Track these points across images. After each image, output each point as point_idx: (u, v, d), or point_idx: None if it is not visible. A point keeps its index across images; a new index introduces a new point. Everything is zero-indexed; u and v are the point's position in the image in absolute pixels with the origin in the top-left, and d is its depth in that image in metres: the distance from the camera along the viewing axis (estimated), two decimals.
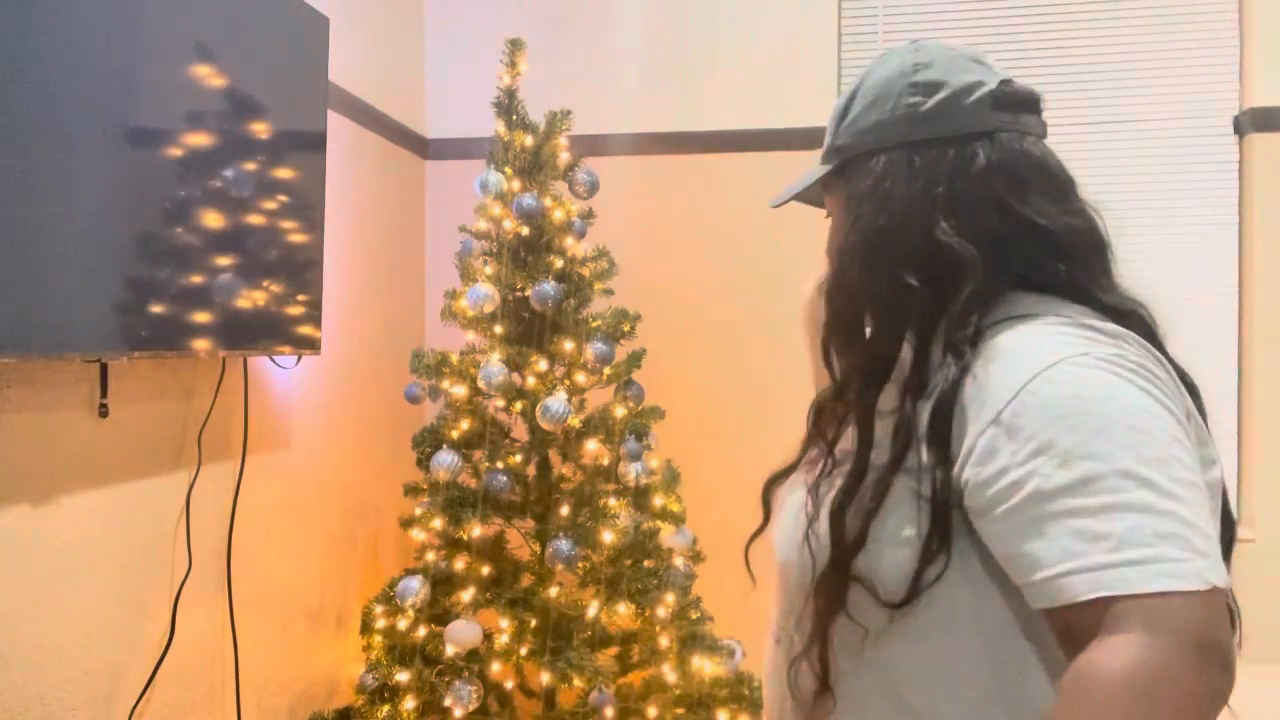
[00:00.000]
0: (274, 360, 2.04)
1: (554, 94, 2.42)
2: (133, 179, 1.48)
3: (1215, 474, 0.76)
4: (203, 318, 1.64)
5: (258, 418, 2.01)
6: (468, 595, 2.10)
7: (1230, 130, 2.57)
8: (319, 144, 1.98)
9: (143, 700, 1.69)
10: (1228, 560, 0.78)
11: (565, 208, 2.22)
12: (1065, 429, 0.69)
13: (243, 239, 1.74)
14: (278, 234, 1.85)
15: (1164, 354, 0.79)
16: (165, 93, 1.54)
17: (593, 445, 2.17)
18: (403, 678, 2.10)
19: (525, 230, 2.19)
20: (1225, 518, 0.78)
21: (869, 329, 0.85)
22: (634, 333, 2.25)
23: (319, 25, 1.96)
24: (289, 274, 1.89)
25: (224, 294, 1.69)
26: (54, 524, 1.51)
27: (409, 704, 2.09)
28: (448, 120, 2.87)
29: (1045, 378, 0.71)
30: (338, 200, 2.28)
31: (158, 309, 1.54)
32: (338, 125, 2.28)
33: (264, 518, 2.07)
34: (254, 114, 1.76)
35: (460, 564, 2.12)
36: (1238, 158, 2.57)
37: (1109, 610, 0.65)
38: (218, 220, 1.67)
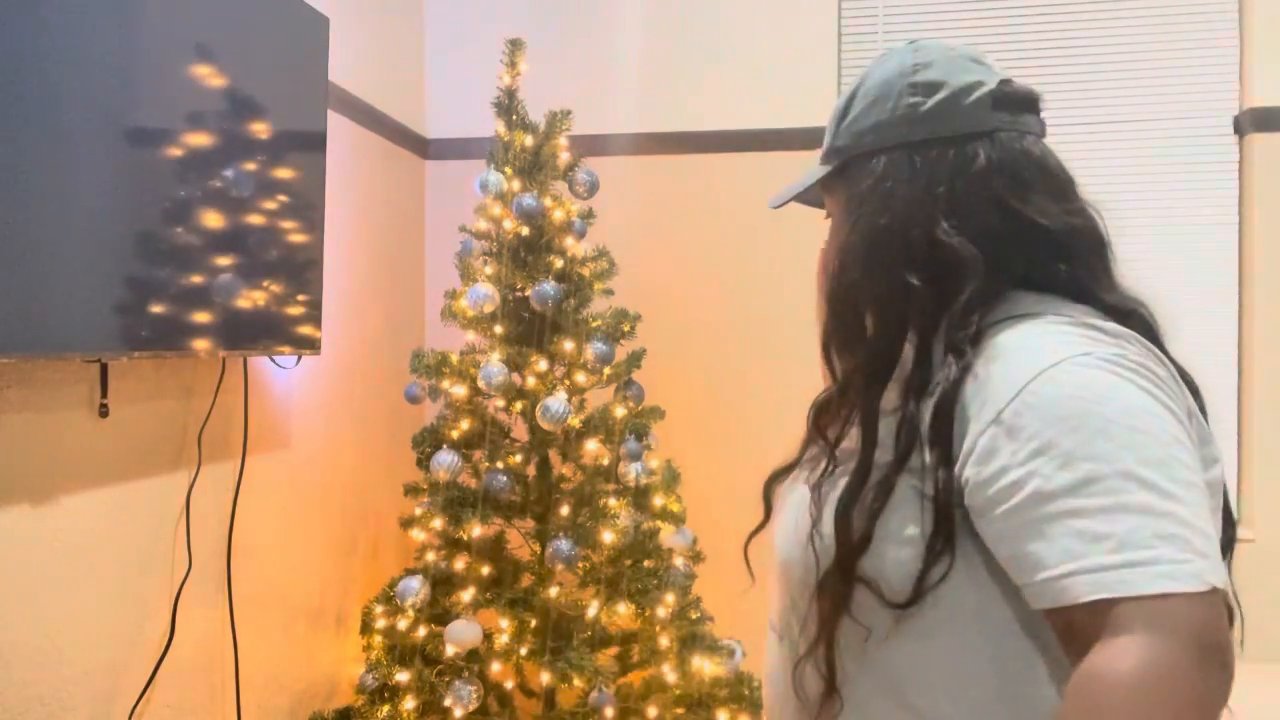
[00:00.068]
0: (274, 360, 2.04)
1: (554, 94, 2.42)
2: (133, 179, 1.48)
3: (1216, 473, 0.76)
4: (203, 318, 1.64)
5: (258, 418, 2.01)
6: (468, 595, 2.10)
7: (1230, 130, 2.57)
8: (319, 144, 1.98)
9: (143, 700, 1.69)
10: (1228, 559, 0.79)
11: (565, 208, 2.22)
12: (1066, 429, 0.69)
13: (243, 239, 1.74)
14: (278, 234, 1.85)
15: (1165, 353, 0.79)
16: (165, 93, 1.54)
17: (593, 445, 2.17)
18: (403, 678, 2.10)
19: (525, 230, 2.19)
20: (1226, 516, 0.78)
21: (869, 329, 0.85)
22: (634, 333, 2.25)
23: (319, 25, 1.96)
24: (289, 274, 1.89)
25: (224, 294, 1.69)
26: (54, 524, 1.51)
27: (409, 704, 2.09)
28: (448, 120, 2.87)
29: (1047, 377, 0.71)
30: (338, 200, 2.28)
31: (158, 309, 1.54)
32: (338, 125, 2.28)
33: (264, 518, 2.07)
34: (254, 114, 1.76)
35: (460, 564, 2.12)
36: (1238, 158, 2.57)
37: (1111, 612, 0.65)
38: (218, 220, 1.67)
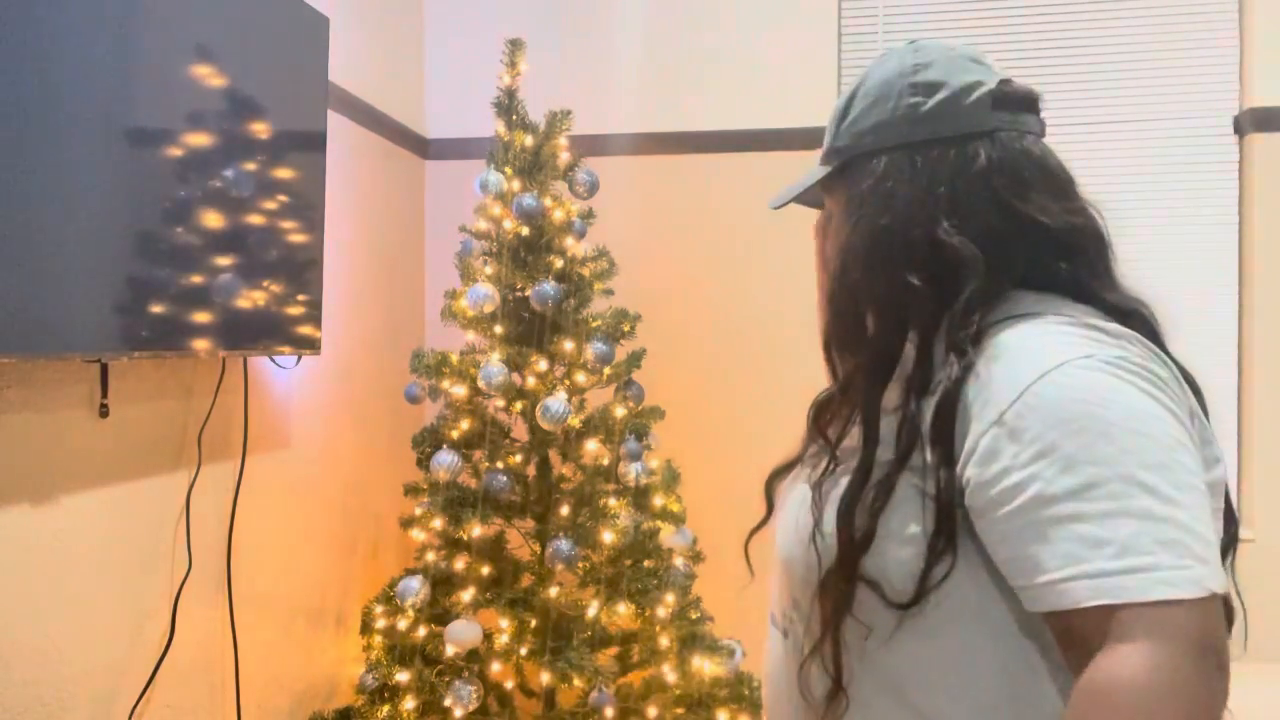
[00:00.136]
0: (274, 360, 2.04)
1: (554, 94, 2.42)
2: (133, 179, 1.48)
3: (1218, 473, 0.76)
4: (203, 318, 1.64)
5: (258, 418, 2.01)
6: (468, 595, 2.10)
7: (1230, 130, 2.57)
8: (319, 144, 1.98)
9: (143, 700, 1.69)
10: (1230, 558, 0.79)
11: (565, 208, 2.22)
12: (1068, 433, 0.69)
13: (243, 239, 1.74)
14: (278, 234, 1.85)
15: (1167, 353, 0.79)
16: (165, 93, 1.54)
17: (593, 445, 2.17)
18: (403, 678, 2.10)
19: (525, 230, 2.19)
20: (1228, 516, 0.79)
21: (870, 328, 0.85)
22: (634, 333, 2.25)
23: (319, 25, 1.96)
24: (289, 274, 1.89)
25: (224, 294, 1.69)
26: (54, 524, 1.51)
27: (409, 704, 2.09)
28: (448, 120, 2.87)
29: (1049, 379, 0.71)
30: (338, 200, 2.28)
31: (158, 309, 1.54)
32: (338, 125, 2.28)
33: (264, 518, 2.07)
34: (254, 114, 1.76)
35: (460, 564, 2.12)
36: (1238, 158, 2.57)
37: (1112, 618, 0.66)
38: (218, 220, 1.67)
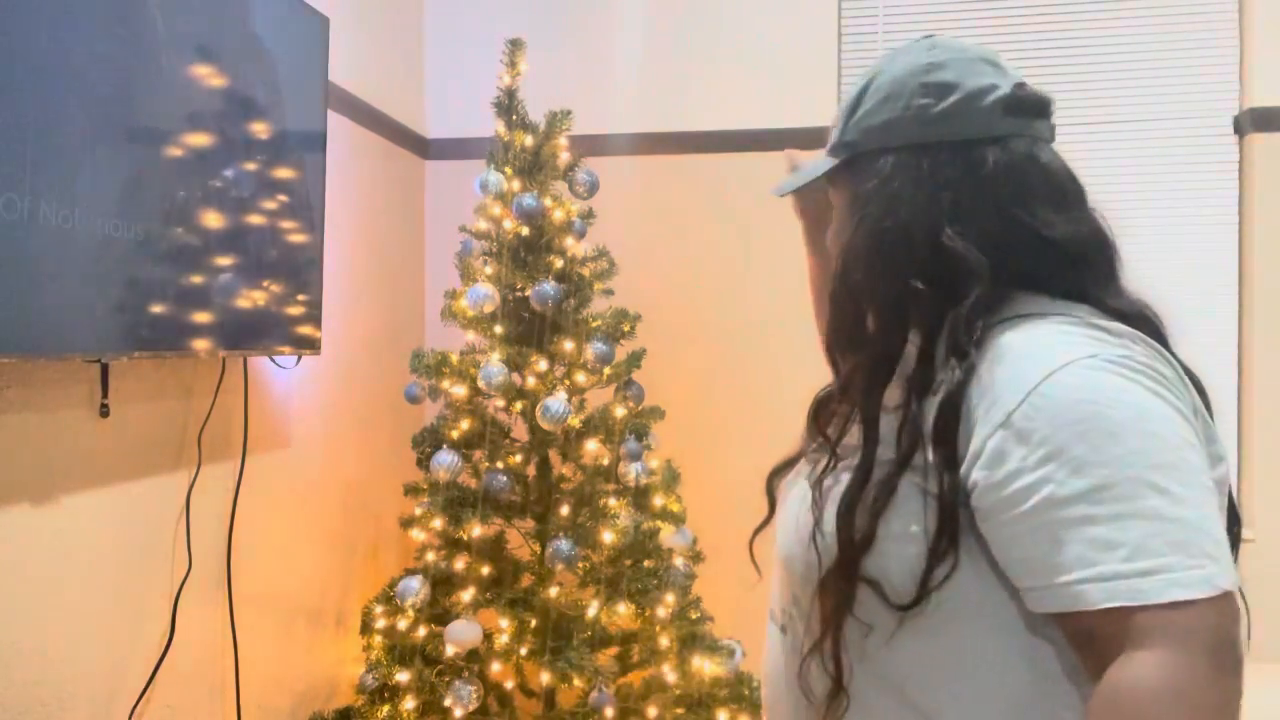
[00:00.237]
0: (274, 360, 2.04)
1: (554, 94, 2.42)
2: (132, 179, 1.48)
3: (1222, 471, 0.76)
4: (203, 318, 1.64)
5: (258, 418, 2.01)
6: (468, 595, 2.10)
7: (1230, 130, 2.57)
8: (319, 144, 1.98)
9: (143, 700, 1.69)
10: (1234, 557, 0.79)
11: (565, 208, 2.22)
12: (1077, 434, 0.69)
13: (243, 239, 1.74)
14: (278, 234, 1.85)
15: (1171, 353, 0.79)
16: (165, 93, 1.54)
17: (593, 445, 2.17)
18: (403, 678, 2.10)
19: (525, 230, 2.19)
20: (1231, 515, 0.79)
21: (871, 328, 0.85)
22: (634, 333, 2.25)
23: (319, 25, 1.96)
24: (289, 274, 1.89)
25: (224, 294, 1.69)
26: (54, 524, 1.50)
27: (409, 704, 2.09)
28: (448, 120, 2.87)
29: (1055, 380, 0.71)
30: (338, 200, 2.28)
31: (158, 309, 1.54)
32: (338, 125, 2.28)
33: (264, 518, 2.07)
34: (254, 114, 1.76)
35: (460, 564, 2.12)
36: (1238, 158, 2.57)
37: (1126, 621, 0.66)
38: (218, 220, 1.67)
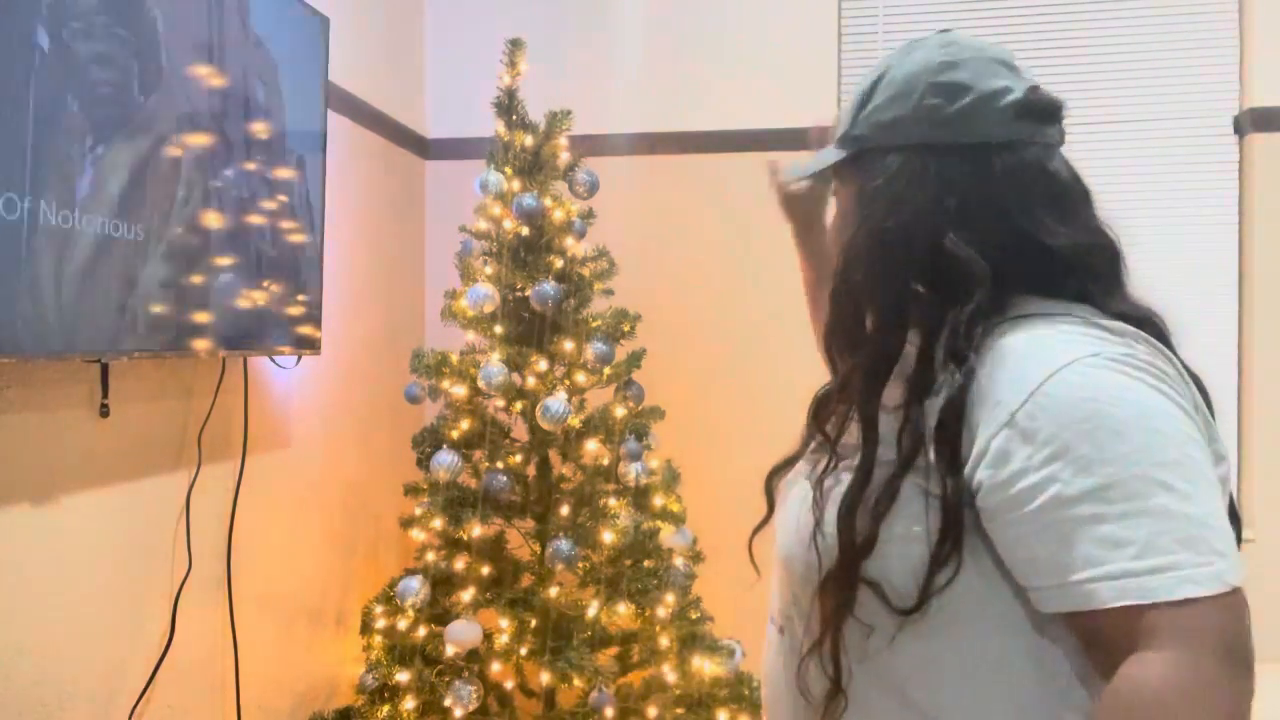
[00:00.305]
0: (274, 360, 2.04)
1: (554, 94, 2.42)
2: (133, 178, 1.48)
3: (1223, 470, 0.76)
4: (203, 318, 1.64)
5: (258, 418, 2.01)
6: (468, 595, 2.10)
7: (1230, 130, 2.57)
8: (319, 144, 1.98)
9: (143, 700, 1.69)
10: None
11: (565, 208, 2.22)
12: (1082, 433, 0.69)
13: (243, 239, 1.74)
14: (278, 234, 1.85)
15: (1173, 352, 0.79)
16: (165, 92, 1.54)
17: (593, 445, 2.17)
18: (403, 678, 2.10)
19: (525, 230, 2.19)
20: (1231, 514, 0.78)
21: (870, 328, 0.85)
22: (634, 333, 2.24)
23: (319, 25, 1.96)
24: (289, 274, 1.89)
25: (224, 294, 1.69)
26: (54, 524, 1.51)
27: (409, 704, 2.09)
28: (448, 120, 2.87)
29: (1058, 379, 0.71)
30: (338, 200, 2.28)
31: (158, 309, 1.54)
32: (338, 125, 2.28)
33: (264, 518, 2.07)
34: (254, 114, 1.76)
35: (460, 564, 2.12)
36: (1238, 158, 2.57)
37: (1136, 620, 0.66)
38: (218, 220, 1.67)
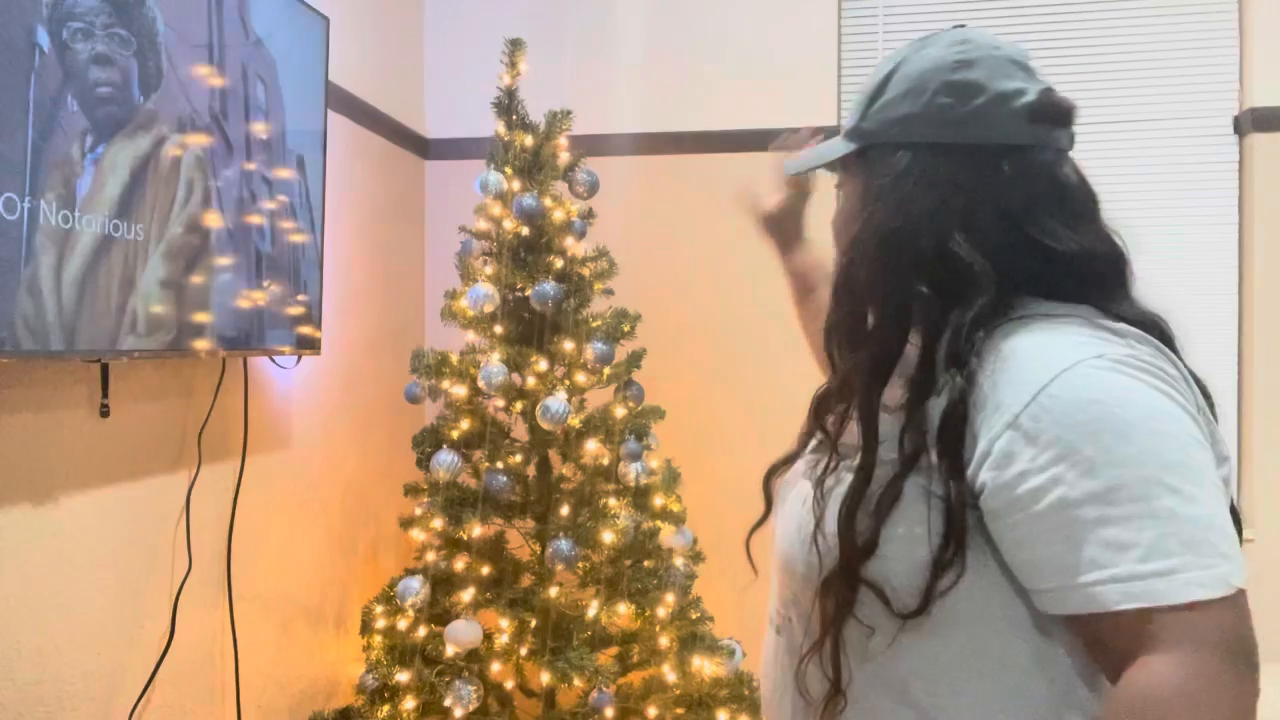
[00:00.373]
0: (274, 360, 2.04)
1: (554, 94, 2.42)
2: (132, 179, 1.48)
3: (1225, 471, 0.75)
4: (203, 318, 1.64)
5: (258, 418, 2.01)
6: (468, 595, 2.10)
7: (1230, 130, 2.57)
8: (319, 144, 1.98)
9: (143, 700, 1.69)
10: None
11: (565, 208, 2.22)
12: (1086, 435, 0.69)
13: (242, 239, 1.74)
14: (278, 234, 1.85)
15: (1176, 354, 0.79)
16: (165, 92, 1.54)
17: (593, 445, 2.17)
18: (403, 678, 2.10)
19: (525, 230, 2.19)
20: (1232, 515, 0.78)
21: (871, 326, 0.84)
22: (634, 333, 2.24)
23: (319, 25, 1.96)
24: (289, 274, 1.89)
25: (224, 294, 1.69)
26: (54, 524, 1.51)
27: (409, 704, 2.09)
28: (448, 120, 2.87)
29: (1063, 381, 0.71)
30: (338, 200, 2.28)
31: (158, 309, 1.54)
32: (338, 125, 2.28)
33: (264, 518, 2.07)
34: (254, 114, 1.76)
35: (460, 564, 2.12)
36: (1238, 158, 2.57)
37: (1142, 624, 0.66)
38: (218, 220, 1.67)
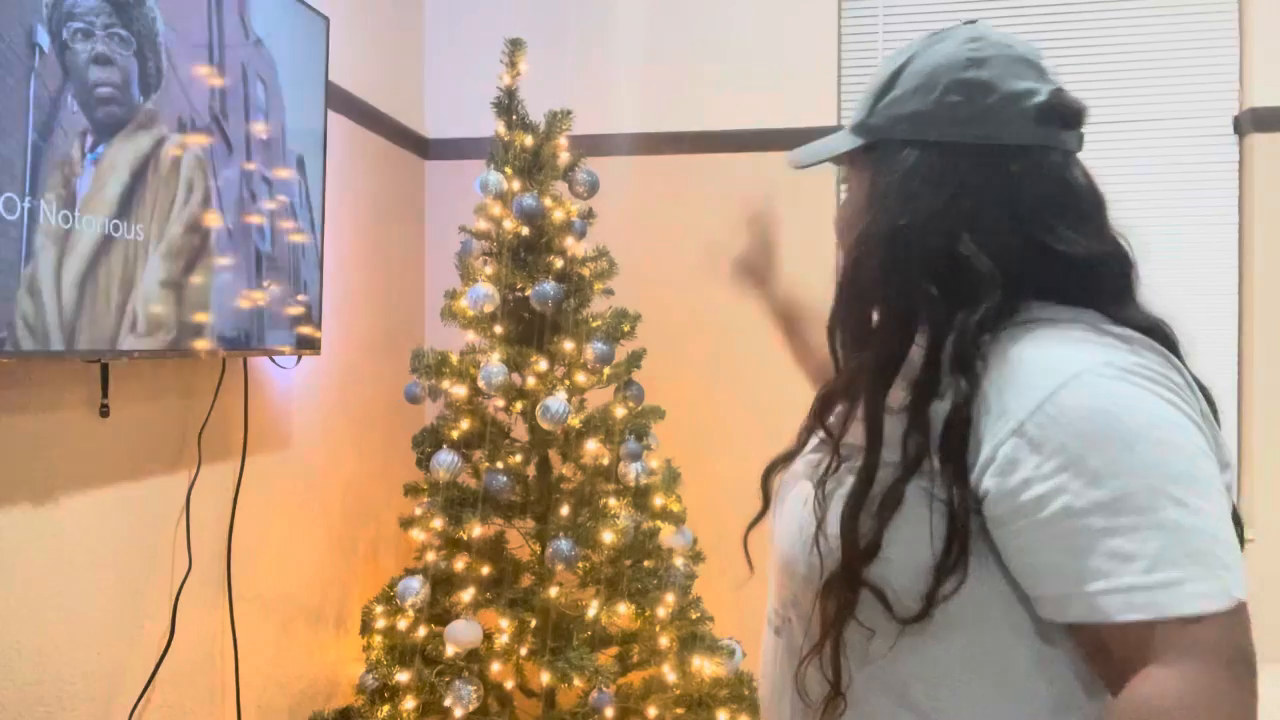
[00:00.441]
0: (274, 360, 2.04)
1: (554, 94, 2.42)
2: (132, 179, 1.48)
3: (1228, 478, 0.75)
4: (202, 318, 1.64)
5: (258, 418, 2.01)
6: (468, 595, 2.09)
7: (1230, 130, 2.57)
8: (319, 144, 1.98)
9: (143, 700, 1.69)
10: None
11: (565, 208, 2.22)
12: (1093, 445, 0.68)
13: (242, 239, 1.74)
14: (278, 234, 1.85)
15: (1180, 360, 0.78)
16: (165, 92, 1.54)
17: (593, 445, 2.17)
18: (403, 678, 2.10)
19: (525, 230, 2.19)
20: (1234, 519, 0.78)
21: (877, 324, 0.84)
22: (634, 333, 2.24)
23: (319, 25, 1.96)
24: (289, 274, 1.89)
25: (224, 294, 1.69)
26: (54, 524, 1.51)
27: (409, 704, 2.09)
28: (448, 120, 2.87)
29: (1069, 389, 0.71)
30: (338, 200, 2.28)
31: (158, 309, 1.54)
32: (338, 125, 2.28)
33: (264, 518, 2.07)
34: (254, 114, 1.76)
35: (460, 564, 2.12)
36: (1238, 158, 2.57)
37: (1143, 634, 0.66)
38: (217, 220, 1.67)
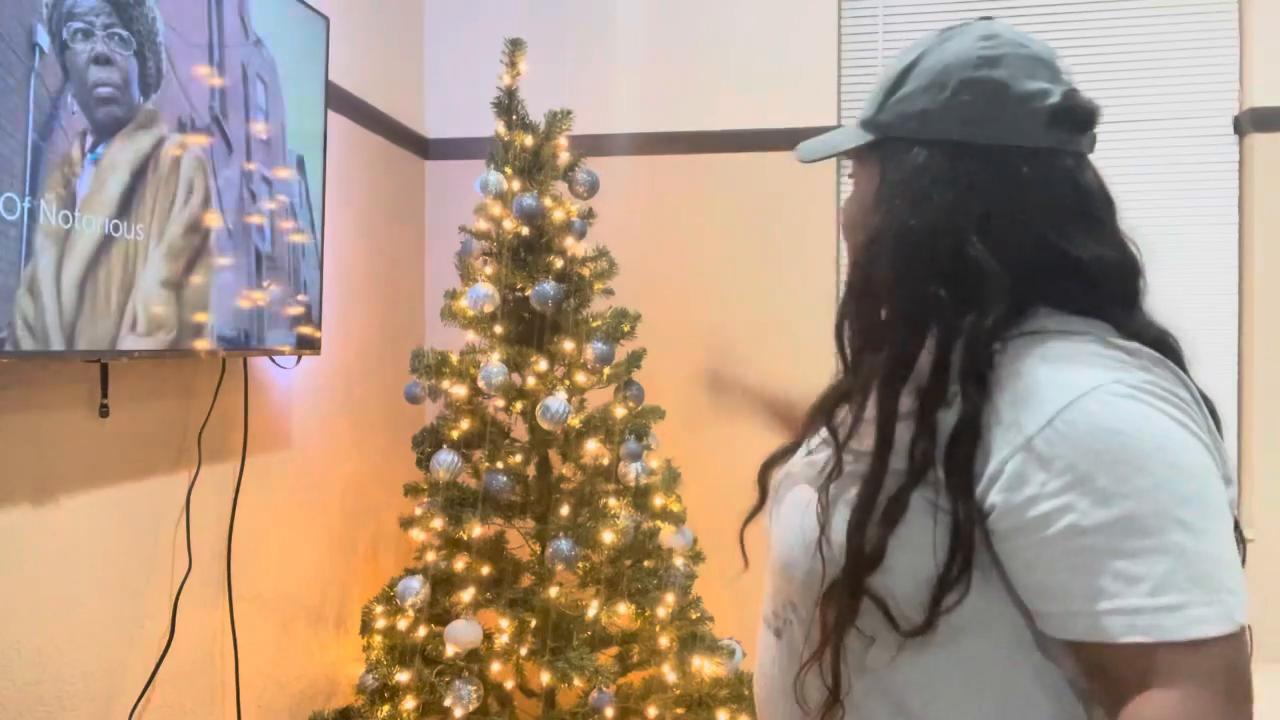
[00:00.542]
0: (274, 360, 2.04)
1: (554, 94, 2.42)
2: (132, 179, 1.48)
3: (1231, 493, 0.75)
4: (202, 318, 1.64)
5: (258, 418, 2.01)
6: (468, 595, 2.10)
7: (1230, 130, 2.57)
8: (319, 144, 1.98)
9: (143, 700, 1.69)
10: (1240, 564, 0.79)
11: (565, 208, 2.22)
12: (1101, 464, 0.68)
13: (242, 239, 1.74)
14: (278, 234, 1.85)
15: (1187, 374, 0.78)
16: (165, 92, 1.54)
17: (593, 445, 2.17)
18: (403, 678, 2.10)
19: (525, 230, 2.19)
20: (1235, 531, 0.78)
21: (887, 326, 0.83)
22: (634, 333, 2.24)
23: (319, 25, 1.96)
24: (289, 274, 1.89)
25: (224, 294, 1.69)
26: (54, 524, 1.51)
27: (409, 704, 2.09)
28: (448, 120, 2.87)
29: (1079, 407, 0.70)
30: (338, 200, 2.28)
31: (158, 309, 1.54)
32: (338, 125, 2.28)
33: (264, 518, 2.07)
34: (254, 114, 1.76)
35: (460, 564, 2.12)
36: (1238, 158, 2.57)
37: (1145, 657, 0.66)
38: (217, 220, 1.67)
